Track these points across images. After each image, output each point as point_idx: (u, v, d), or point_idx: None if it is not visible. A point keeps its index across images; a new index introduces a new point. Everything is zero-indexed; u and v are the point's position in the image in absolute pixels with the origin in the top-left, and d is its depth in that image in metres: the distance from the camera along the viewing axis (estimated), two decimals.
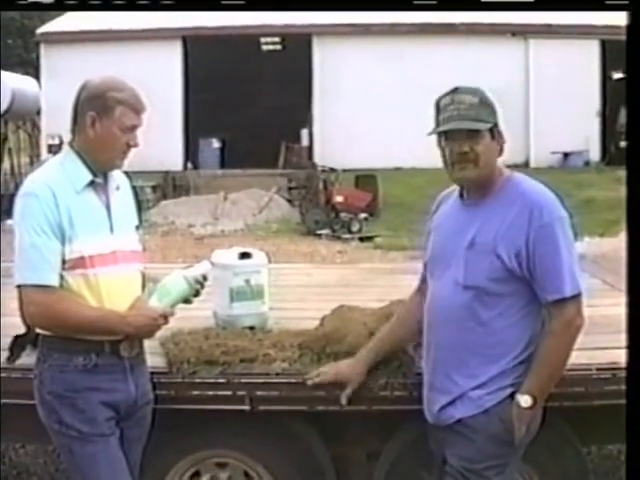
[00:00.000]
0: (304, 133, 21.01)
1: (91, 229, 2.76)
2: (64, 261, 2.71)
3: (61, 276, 2.71)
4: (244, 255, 3.70)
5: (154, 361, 3.19)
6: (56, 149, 15.17)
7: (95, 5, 4.74)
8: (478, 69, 16.92)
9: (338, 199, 16.56)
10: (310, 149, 20.80)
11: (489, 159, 2.77)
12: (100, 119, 2.76)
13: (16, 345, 3.29)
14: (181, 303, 2.90)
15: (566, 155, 20.27)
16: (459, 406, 2.80)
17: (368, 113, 19.63)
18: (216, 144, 21.10)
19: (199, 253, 10.71)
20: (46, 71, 20.66)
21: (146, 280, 2.95)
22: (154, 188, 18.39)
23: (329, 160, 18.58)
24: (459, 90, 2.77)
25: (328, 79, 20.56)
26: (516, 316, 2.77)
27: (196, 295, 2.92)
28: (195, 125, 20.99)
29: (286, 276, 4.83)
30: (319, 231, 15.85)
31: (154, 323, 2.82)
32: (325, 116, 20.62)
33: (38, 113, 21.26)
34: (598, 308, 3.75)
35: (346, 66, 20.18)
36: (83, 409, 2.75)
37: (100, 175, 2.83)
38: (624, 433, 2.66)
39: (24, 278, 2.70)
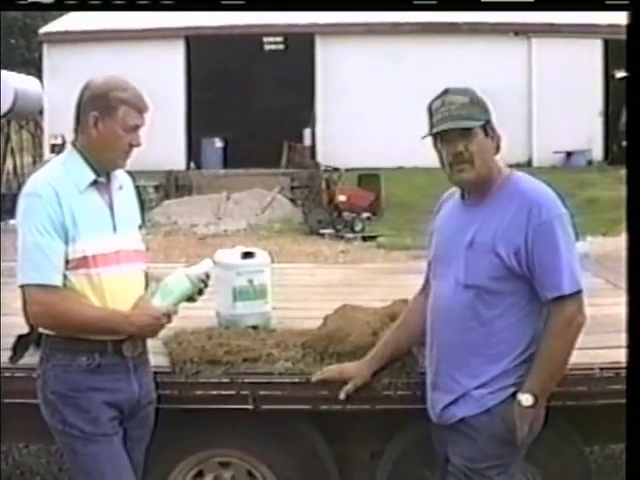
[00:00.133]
0: (307, 132, 21.01)
1: (94, 229, 2.76)
2: (67, 261, 2.71)
3: (64, 276, 2.71)
4: (247, 255, 3.71)
5: (157, 361, 3.18)
6: (59, 149, 15.14)
7: (95, 5, 4.74)
8: (480, 69, 16.98)
9: (341, 198, 16.56)
10: (313, 148, 20.80)
11: (485, 157, 2.77)
12: (103, 119, 2.76)
13: (19, 345, 3.28)
14: (185, 302, 2.89)
15: (569, 154, 20.26)
16: (462, 405, 2.80)
17: (370, 112, 19.63)
18: (219, 144, 21.08)
19: (202, 253, 10.64)
20: (49, 71, 20.68)
21: (149, 280, 2.95)
22: (157, 188, 18.41)
23: (331, 159, 18.58)
24: (449, 91, 2.79)
25: (331, 79, 20.56)
26: (517, 315, 2.77)
27: (200, 293, 2.92)
28: (198, 125, 20.98)
29: (289, 276, 4.84)
30: (322, 231, 15.86)
31: (157, 322, 2.82)
32: (328, 115, 20.63)
33: (41, 113, 21.29)
34: (601, 307, 3.76)
35: (349, 66, 20.18)
36: (86, 409, 2.75)
37: (103, 175, 2.83)
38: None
39: (27, 278, 2.71)
